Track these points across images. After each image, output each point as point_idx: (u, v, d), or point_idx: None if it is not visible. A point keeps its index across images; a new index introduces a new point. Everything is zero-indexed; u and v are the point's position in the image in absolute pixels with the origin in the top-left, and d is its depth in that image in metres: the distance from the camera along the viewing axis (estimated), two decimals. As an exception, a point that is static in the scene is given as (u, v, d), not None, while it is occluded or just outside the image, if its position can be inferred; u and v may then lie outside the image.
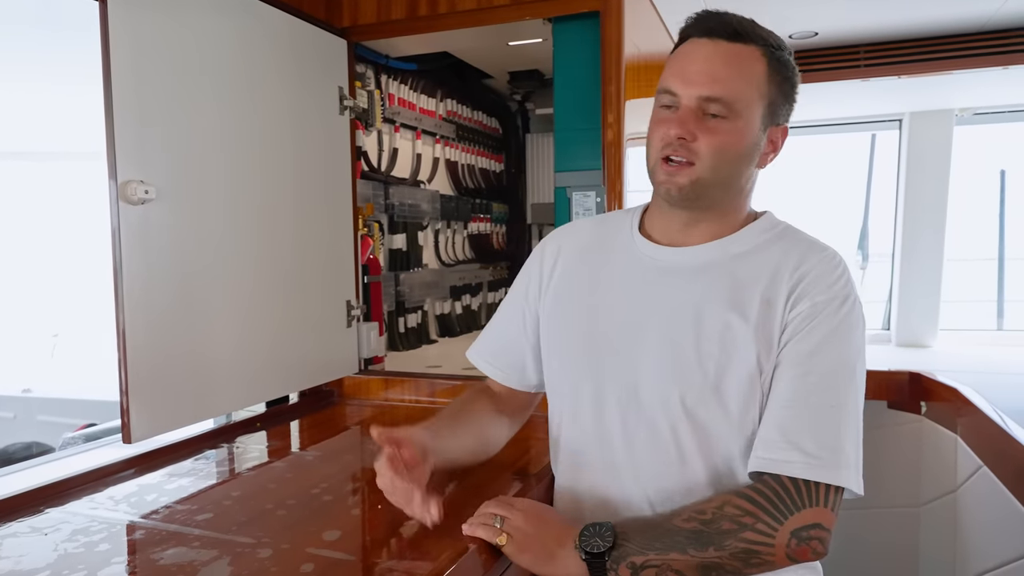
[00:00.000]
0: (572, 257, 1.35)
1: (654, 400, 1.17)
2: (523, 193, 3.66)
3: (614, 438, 1.21)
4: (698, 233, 1.23)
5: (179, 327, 1.60)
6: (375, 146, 2.59)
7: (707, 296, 1.17)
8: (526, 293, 1.40)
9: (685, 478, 1.16)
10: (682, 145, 1.14)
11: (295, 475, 1.51)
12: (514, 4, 2.04)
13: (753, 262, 1.18)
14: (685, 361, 1.16)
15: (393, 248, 2.74)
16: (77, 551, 1.14)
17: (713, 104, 1.13)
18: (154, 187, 1.50)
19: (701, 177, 1.15)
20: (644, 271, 1.25)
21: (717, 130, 1.13)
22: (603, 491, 1.22)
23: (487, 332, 1.48)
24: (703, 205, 1.19)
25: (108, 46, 1.43)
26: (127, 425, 1.46)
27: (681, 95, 1.14)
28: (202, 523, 1.23)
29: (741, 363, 1.13)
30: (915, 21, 2.71)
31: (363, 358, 2.29)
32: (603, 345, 1.24)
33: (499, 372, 1.43)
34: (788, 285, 1.14)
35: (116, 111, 1.44)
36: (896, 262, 4.12)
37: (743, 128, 1.14)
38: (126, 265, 1.46)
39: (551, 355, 1.34)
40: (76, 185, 6.56)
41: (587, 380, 1.25)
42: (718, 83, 1.12)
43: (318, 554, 1.10)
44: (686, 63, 1.15)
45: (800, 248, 1.18)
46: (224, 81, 1.74)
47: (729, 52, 1.14)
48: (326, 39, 2.12)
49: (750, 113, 1.14)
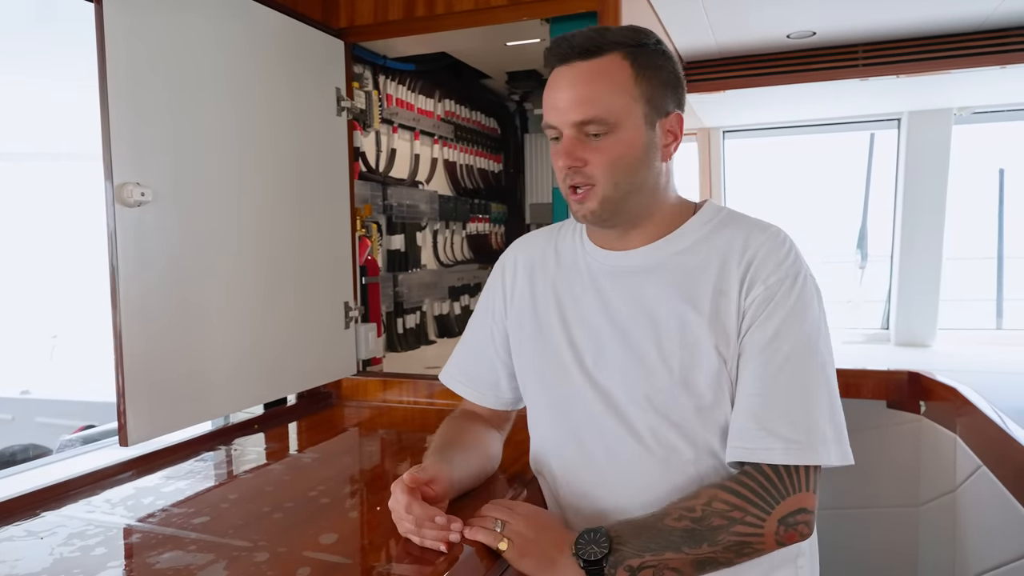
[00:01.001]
0: (530, 270, 1.36)
1: (627, 405, 1.19)
2: (521, 193, 3.66)
3: (596, 447, 1.22)
4: (636, 237, 1.24)
5: (176, 330, 1.60)
6: (373, 147, 2.59)
7: (660, 295, 1.19)
8: (492, 311, 1.41)
9: (671, 476, 1.17)
10: (576, 172, 1.15)
11: (292, 478, 1.51)
12: (511, 4, 2.04)
13: (700, 254, 1.19)
14: (650, 362, 1.17)
15: (391, 249, 2.73)
16: (73, 555, 1.14)
17: (589, 125, 1.14)
18: (150, 189, 1.50)
19: (605, 195, 1.16)
20: (597, 277, 1.26)
21: (602, 148, 1.14)
22: (593, 499, 1.23)
23: (457, 353, 1.48)
24: (624, 219, 1.21)
25: (104, 47, 1.43)
26: (124, 428, 1.46)
27: (558, 125, 1.16)
28: (199, 526, 1.23)
29: (704, 356, 1.14)
30: (913, 20, 2.71)
31: (361, 359, 2.29)
32: (571, 356, 1.25)
33: (473, 392, 1.43)
34: (739, 272, 1.15)
35: (112, 113, 1.43)
36: (895, 261, 4.12)
37: (629, 136, 1.14)
38: (122, 267, 1.45)
39: (523, 372, 1.35)
40: (76, 186, 6.55)
41: (561, 392, 1.26)
42: (585, 104, 1.13)
43: (315, 557, 1.09)
44: (553, 94, 1.16)
45: (743, 232, 1.19)
46: (221, 82, 1.73)
47: (588, 70, 1.14)
48: (323, 40, 2.12)
49: (629, 120, 1.14)
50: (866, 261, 5.12)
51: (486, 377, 1.42)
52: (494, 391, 1.42)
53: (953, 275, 4.22)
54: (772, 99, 3.53)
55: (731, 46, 3.02)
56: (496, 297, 1.40)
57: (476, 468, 1.31)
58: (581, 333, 1.25)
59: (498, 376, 1.41)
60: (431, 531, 1.07)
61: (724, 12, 2.56)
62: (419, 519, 1.07)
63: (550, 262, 1.34)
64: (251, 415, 1.99)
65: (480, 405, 1.44)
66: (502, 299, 1.39)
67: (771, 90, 3.21)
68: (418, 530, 1.08)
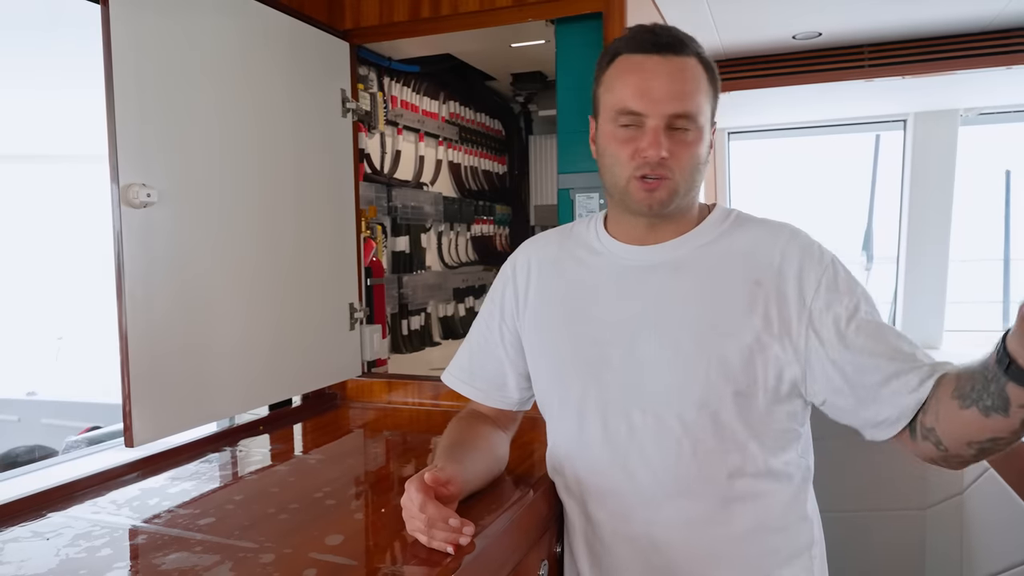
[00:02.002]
0: (545, 270, 1.36)
1: (660, 396, 1.19)
2: (526, 195, 3.65)
3: (621, 437, 1.22)
4: (665, 232, 1.26)
5: (181, 331, 1.60)
6: (378, 148, 2.59)
7: (691, 287, 1.21)
8: (502, 311, 1.40)
9: (701, 466, 1.18)
10: (660, 164, 1.15)
11: (298, 479, 1.51)
12: (516, 6, 2.04)
13: (725, 248, 1.23)
14: (684, 353, 1.18)
15: (396, 250, 2.73)
16: (79, 556, 1.14)
17: (682, 120, 1.15)
18: (156, 190, 1.50)
19: (676, 189, 1.18)
20: (623, 271, 1.27)
21: (687, 143, 1.17)
22: (620, 495, 1.23)
23: (461, 354, 1.48)
24: (674, 213, 1.23)
25: (110, 49, 1.43)
26: (129, 429, 1.46)
27: (648, 114, 1.15)
28: (204, 527, 1.23)
29: (738, 341, 1.16)
30: (919, 21, 2.70)
31: (366, 361, 2.29)
32: (597, 350, 1.25)
33: (478, 392, 1.43)
34: (776, 264, 1.18)
35: (118, 114, 1.43)
36: (901, 263, 4.10)
37: (704, 137, 1.19)
38: (128, 269, 1.45)
39: (541, 370, 1.35)
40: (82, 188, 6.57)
41: (587, 386, 1.25)
42: (683, 99, 1.15)
43: (320, 559, 1.09)
44: (646, 81, 1.16)
45: (764, 229, 1.24)
46: (226, 84, 1.73)
47: (683, 66, 1.16)
48: (328, 41, 2.12)
49: (704, 121, 1.19)
50: (872, 262, 5.10)
51: (492, 377, 1.42)
52: (500, 391, 1.41)
53: (960, 277, 4.19)
54: (777, 100, 3.52)
55: (736, 47, 3.02)
56: (507, 296, 1.40)
57: (484, 469, 1.31)
58: (610, 324, 1.24)
59: (505, 376, 1.40)
60: (442, 532, 1.06)
61: (729, 13, 2.55)
62: (432, 519, 1.06)
63: (568, 260, 1.34)
64: (256, 416, 1.99)
65: (485, 405, 1.44)
66: (513, 299, 1.38)
67: (776, 91, 3.20)
68: (428, 530, 1.07)
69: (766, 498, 1.20)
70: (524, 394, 1.42)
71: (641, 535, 1.22)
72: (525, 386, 1.41)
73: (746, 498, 1.19)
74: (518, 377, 1.40)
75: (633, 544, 1.23)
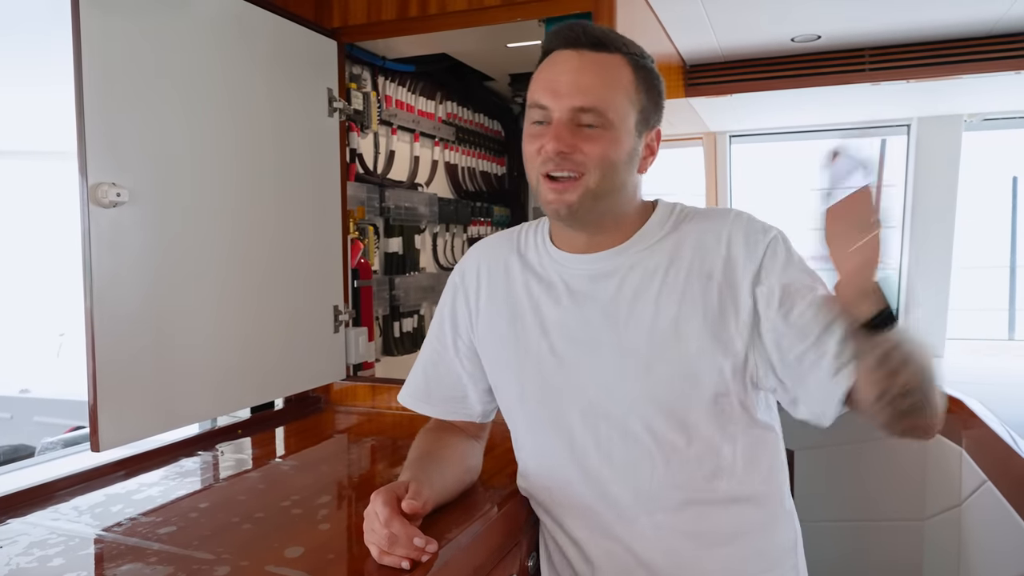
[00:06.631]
0: (496, 278, 1.31)
1: (624, 407, 1.16)
2: (525, 196, 3.62)
3: (589, 451, 1.18)
4: (605, 239, 1.21)
5: (153, 333, 1.56)
6: (371, 148, 2.55)
7: (639, 291, 1.17)
8: (454, 323, 1.36)
9: (675, 475, 1.15)
10: (564, 159, 1.11)
11: (268, 486, 1.47)
12: (505, 5, 2.00)
13: (671, 247, 1.19)
14: (646, 358, 1.15)
15: (389, 252, 2.70)
16: (29, 565, 1.10)
17: (586, 114, 1.10)
18: (127, 190, 1.47)
19: (588, 188, 1.12)
20: (571, 282, 1.22)
21: (596, 139, 1.11)
22: (595, 509, 1.19)
23: (415, 372, 1.42)
24: (594, 219, 1.17)
25: (79, 41, 1.39)
26: (96, 433, 1.43)
27: (552, 108, 1.11)
28: (164, 537, 1.20)
29: (698, 341, 1.12)
30: (921, 24, 2.65)
31: (351, 364, 2.25)
32: (552, 361, 1.21)
33: (437, 410, 1.39)
34: (723, 254, 1.15)
35: (87, 110, 1.40)
36: (903, 270, 4.05)
37: (620, 136, 1.13)
38: (96, 270, 1.42)
39: (501, 387, 1.31)
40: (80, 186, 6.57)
41: (548, 403, 1.22)
42: (589, 93, 1.10)
43: (276, 572, 1.06)
44: (554, 75, 1.13)
45: (709, 221, 1.20)
46: (205, 82, 1.70)
47: (596, 61, 1.12)
48: (315, 40, 2.08)
49: (623, 122, 1.13)
50: (875, 269, 5.04)
51: (451, 392, 1.37)
52: (461, 404, 1.37)
53: (964, 284, 4.14)
54: (778, 104, 3.47)
55: (734, 49, 2.97)
56: (459, 307, 1.35)
57: (454, 481, 1.28)
58: (562, 340, 1.21)
59: (465, 389, 1.35)
60: (402, 549, 1.02)
61: (724, 12, 2.50)
62: (396, 537, 1.02)
63: (515, 268, 1.29)
64: (236, 420, 1.95)
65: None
66: (465, 308, 1.34)
67: (777, 95, 3.15)
68: (389, 545, 1.03)
69: (746, 500, 1.17)
70: (487, 406, 1.37)
71: (620, 551, 1.18)
72: (487, 399, 1.36)
73: (727, 502, 1.16)
74: (479, 391, 1.35)
75: (613, 560, 1.19)
